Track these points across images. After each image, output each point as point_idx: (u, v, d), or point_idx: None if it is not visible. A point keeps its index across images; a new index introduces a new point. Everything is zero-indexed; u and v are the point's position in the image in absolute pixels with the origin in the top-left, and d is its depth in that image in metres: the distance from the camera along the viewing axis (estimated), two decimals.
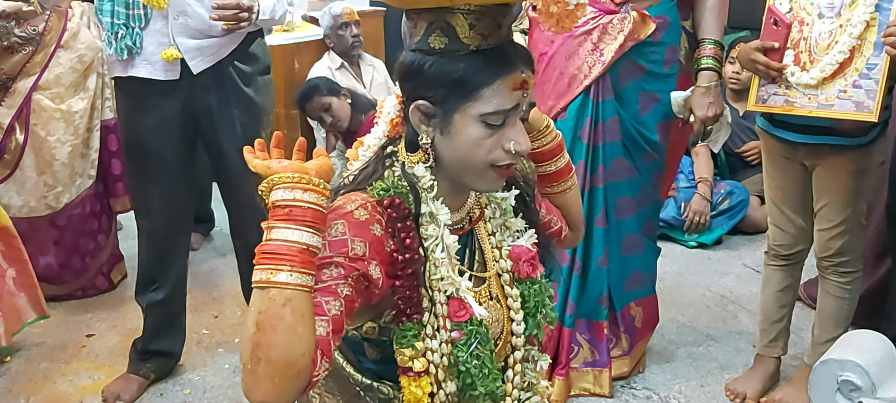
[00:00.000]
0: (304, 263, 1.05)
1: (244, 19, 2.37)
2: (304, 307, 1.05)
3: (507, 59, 1.20)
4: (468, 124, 1.20)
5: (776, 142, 2.49)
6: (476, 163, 1.22)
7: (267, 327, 1.02)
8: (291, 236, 1.06)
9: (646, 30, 2.43)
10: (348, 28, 4.55)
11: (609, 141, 2.52)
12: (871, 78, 2.16)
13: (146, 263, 2.71)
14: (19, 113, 3.10)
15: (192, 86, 2.45)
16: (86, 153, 3.30)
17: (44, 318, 2.93)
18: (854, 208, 2.44)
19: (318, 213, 1.08)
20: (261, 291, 1.04)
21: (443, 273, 1.24)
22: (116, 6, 2.35)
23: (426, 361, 1.23)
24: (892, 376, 2.03)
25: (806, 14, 2.29)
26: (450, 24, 1.19)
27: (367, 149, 1.38)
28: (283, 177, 1.08)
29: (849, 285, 2.53)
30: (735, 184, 4.20)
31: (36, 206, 3.21)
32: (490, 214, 1.37)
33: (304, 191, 1.08)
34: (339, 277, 1.11)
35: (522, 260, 1.36)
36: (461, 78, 1.19)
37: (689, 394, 2.77)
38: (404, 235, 1.19)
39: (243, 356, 1.05)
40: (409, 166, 1.26)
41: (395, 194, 1.21)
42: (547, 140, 1.47)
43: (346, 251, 1.13)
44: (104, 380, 2.80)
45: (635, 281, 2.75)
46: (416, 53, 1.23)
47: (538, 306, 1.37)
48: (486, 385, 1.24)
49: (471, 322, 1.24)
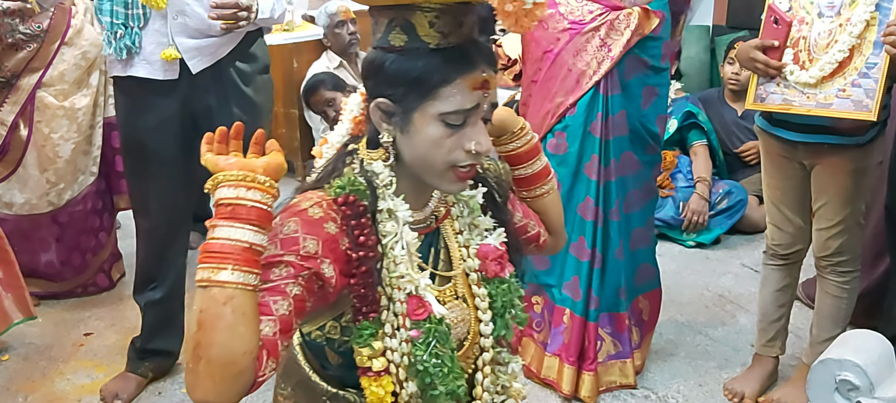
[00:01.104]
0: (246, 262, 1.04)
1: (243, 19, 2.37)
2: (246, 306, 1.04)
3: (468, 58, 1.19)
4: (428, 123, 1.19)
5: (775, 141, 2.50)
6: (436, 162, 1.21)
7: (207, 326, 1.02)
8: (234, 234, 1.05)
9: (650, 24, 2.47)
10: (345, 26, 4.55)
11: (618, 135, 2.55)
12: (870, 77, 2.16)
13: (145, 262, 2.70)
14: (23, 110, 3.09)
15: (190, 86, 2.45)
16: (88, 150, 3.29)
17: (31, 319, 2.91)
18: (852, 208, 2.44)
19: (262, 212, 1.07)
20: (202, 290, 1.04)
21: (401, 271, 1.22)
22: (115, 6, 2.35)
23: (386, 360, 1.22)
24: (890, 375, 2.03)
25: (806, 13, 2.29)
26: (410, 21, 1.18)
27: (331, 146, 1.37)
28: (228, 174, 1.07)
29: (847, 284, 2.53)
30: (733, 184, 4.20)
31: (38, 203, 3.21)
32: (457, 213, 1.36)
33: (248, 189, 1.07)
34: (289, 276, 1.10)
35: (490, 259, 1.33)
36: (420, 76, 1.17)
37: (688, 394, 2.77)
38: (359, 232, 1.18)
39: (186, 354, 1.04)
40: (367, 163, 1.25)
41: (351, 191, 1.19)
42: (522, 142, 1.45)
43: (297, 249, 1.12)
44: (102, 379, 2.80)
45: (644, 274, 2.79)
46: (378, 51, 1.22)
47: (506, 306, 1.34)
48: (447, 384, 1.22)
49: (429, 320, 1.22)
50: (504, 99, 4.00)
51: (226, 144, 1.14)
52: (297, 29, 4.81)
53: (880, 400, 1.96)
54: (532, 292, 2.77)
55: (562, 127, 2.57)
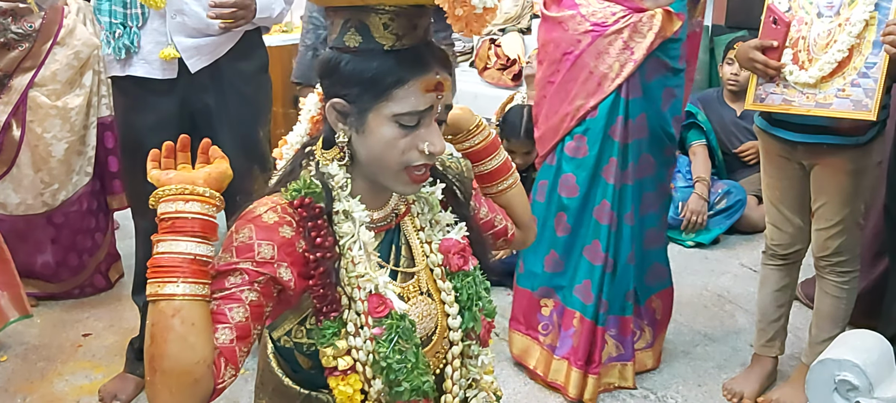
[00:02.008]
0: (192, 273, 1.07)
1: (241, 17, 2.37)
2: (195, 316, 1.06)
3: (422, 60, 1.20)
4: (382, 124, 1.20)
5: (774, 141, 2.49)
6: (390, 163, 1.22)
7: (158, 339, 1.05)
8: (177, 247, 1.08)
9: (673, 27, 2.45)
10: None
11: (637, 138, 2.54)
12: (869, 77, 2.16)
13: (143, 262, 2.69)
14: (15, 110, 3.08)
15: (189, 85, 2.45)
16: (82, 150, 3.29)
17: (26, 318, 2.90)
18: (852, 208, 2.44)
19: (205, 223, 1.10)
20: (152, 304, 1.06)
21: (360, 270, 1.23)
22: (114, 5, 2.35)
23: (351, 359, 1.23)
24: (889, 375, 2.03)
25: (805, 13, 2.29)
26: (364, 23, 1.19)
27: (290, 147, 1.37)
28: (167, 189, 1.10)
29: (846, 284, 2.53)
30: (732, 184, 4.20)
31: (33, 204, 3.20)
32: (417, 210, 1.36)
33: (186, 202, 1.09)
34: (244, 283, 1.12)
35: (452, 253, 1.34)
36: (374, 77, 1.18)
37: (687, 394, 2.77)
38: (315, 234, 1.19)
39: (145, 368, 1.07)
40: (323, 165, 1.25)
41: (306, 194, 1.20)
42: (478, 139, 1.47)
43: (252, 255, 1.13)
44: (101, 380, 2.80)
45: (656, 273, 2.79)
46: (333, 51, 1.23)
47: (473, 298, 1.35)
48: (411, 380, 1.22)
49: (390, 316, 1.23)
50: (503, 99, 4.00)
51: (173, 158, 1.16)
52: (295, 30, 4.81)
53: (879, 400, 1.96)
54: (542, 295, 2.75)
55: (582, 130, 2.55)
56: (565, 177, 2.61)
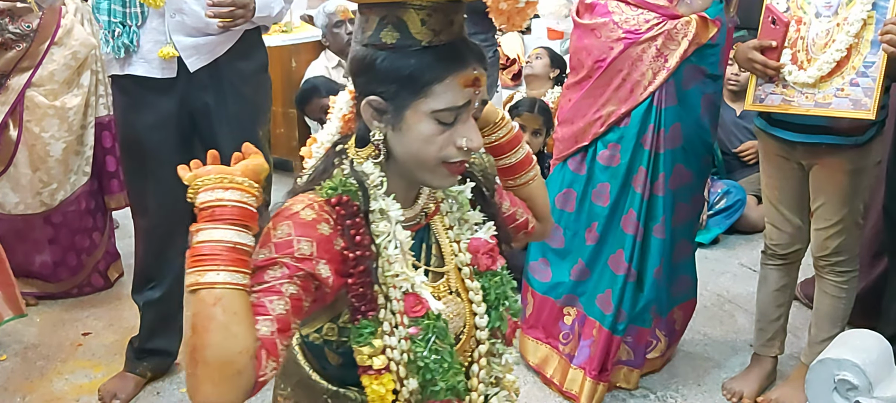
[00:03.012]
0: (232, 261, 1.05)
1: (240, 16, 2.36)
2: (237, 305, 1.04)
3: (459, 55, 1.20)
4: (420, 120, 1.19)
5: (773, 141, 2.49)
6: (428, 159, 1.22)
7: (199, 328, 1.02)
8: (216, 235, 1.05)
9: (708, 33, 2.41)
10: (343, 26, 4.54)
11: (670, 148, 2.50)
12: (868, 76, 2.16)
13: (143, 261, 2.70)
14: (13, 109, 3.08)
15: (188, 84, 2.45)
16: (80, 150, 3.29)
17: (21, 317, 2.89)
18: (851, 207, 2.44)
19: (245, 211, 1.08)
20: (192, 294, 1.04)
21: (396, 269, 1.23)
22: (113, 4, 2.34)
23: (386, 358, 1.22)
24: (888, 375, 2.03)
25: (803, 13, 2.29)
26: (401, 19, 1.18)
27: (321, 146, 1.37)
28: (205, 179, 1.09)
29: (845, 284, 2.53)
30: (732, 184, 4.20)
31: (31, 203, 3.20)
32: (447, 208, 1.36)
33: (225, 190, 1.08)
34: (284, 277, 1.10)
35: (481, 253, 1.34)
36: (412, 74, 1.18)
37: (686, 393, 2.77)
38: (354, 232, 1.18)
39: (185, 362, 1.05)
40: (357, 163, 1.25)
41: (343, 192, 1.20)
42: (503, 133, 1.47)
43: (291, 251, 1.12)
44: (100, 379, 2.80)
45: (681, 285, 2.76)
46: (368, 48, 1.22)
47: (500, 298, 1.35)
48: (447, 380, 1.23)
49: (427, 316, 1.23)
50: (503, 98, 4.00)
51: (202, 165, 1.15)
52: (295, 30, 4.81)
53: (879, 400, 1.97)
54: (565, 303, 2.73)
55: (616, 138, 2.51)
56: (601, 187, 2.57)
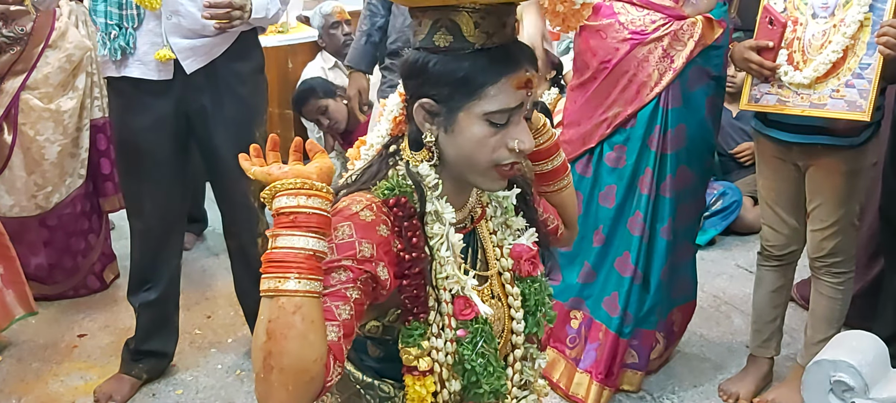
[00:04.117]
0: (311, 269, 1.05)
1: (236, 18, 2.36)
2: (315, 313, 1.05)
3: (512, 57, 1.21)
4: (472, 123, 1.20)
5: (769, 142, 2.50)
6: (480, 161, 1.22)
7: (278, 335, 1.03)
8: (297, 243, 1.05)
9: (713, 34, 2.41)
10: (339, 27, 4.54)
11: (675, 150, 2.50)
12: (864, 77, 2.17)
13: (139, 263, 2.69)
14: (7, 113, 3.07)
15: (185, 86, 2.44)
16: (75, 152, 3.28)
17: (32, 315, 2.91)
18: (847, 209, 2.44)
19: (323, 218, 1.08)
20: (269, 300, 1.04)
21: (448, 271, 1.24)
22: (109, 7, 2.34)
23: (431, 360, 1.23)
24: (884, 376, 2.04)
25: (800, 14, 2.29)
26: (455, 22, 1.19)
27: (370, 147, 1.37)
28: (286, 183, 1.07)
29: (841, 285, 2.53)
30: (728, 185, 4.20)
31: (26, 206, 3.19)
32: (491, 213, 1.38)
33: (307, 197, 1.07)
34: (348, 281, 1.11)
35: (523, 259, 1.36)
36: (466, 76, 1.19)
37: (683, 394, 2.77)
38: (411, 234, 1.19)
39: (256, 365, 1.05)
40: (413, 165, 1.26)
41: (400, 193, 1.21)
42: (544, 139, 1.47)
43: (353, 253, 1.13)
44: (96, 381, 2.79)
45: (682, 286, 2.76)
46: (421, 51, 1.23)
47: (538, 304, 1.37)
48: (491, 383, 1.25)
49: (476, 320, 1.25)
50: None
51: (263, 158, 1.14)
52: (291, 31, 4.80)
53: (875, 401, 1.97)
54: (572, 306, 2.72)
55: (623, 140, 2.50)
56: (608, 189, 2.57)
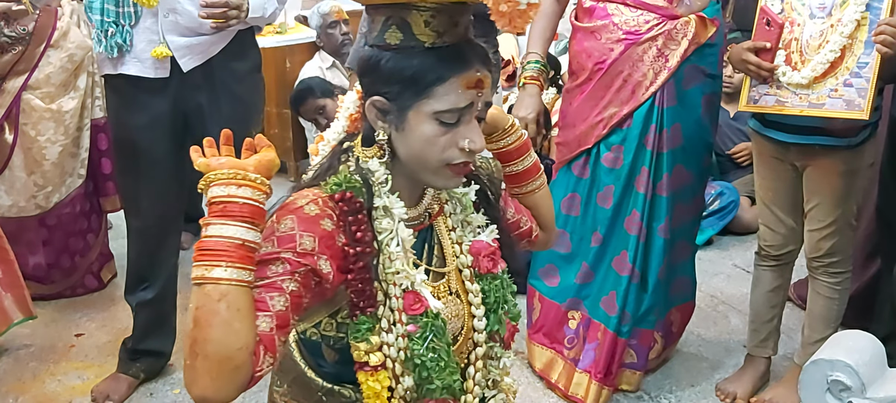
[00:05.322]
0: (240, 258, 1.07)
1: (233, 17, 2.36)
2: (241, 302, 1.06)
3: (463, 57, 1.20)
4: (422, 121, 1.20)
5: (767, 142, 2.50)
6: (431, 160, 1.22)
7: (202, 322, 1.04)
8: (226, 232, 1.07)
9: (707, 33, 2.42)
10: (337, 26, 4.55)
11: (671, 148, 2.50)
12: (861, 77, 2.17)
13: (136, 262, 2.69)
14: (8, 113, 3.07)
15: (181, 84, 2.44)
16: (76, 152, 3.28)
17: (31, 319, 2.90)
18: (844, 209, 2.45)
19: (255, 209, 1.09)
20: (197, 287, 1.06)
21: (397, 266, 1.24)
22: (106, 4, 2.34)
23: (383, 355, 1.23)
24: (881, 376, 2.03)
25: (797, 15, 2.30)
26: (405, 20, 1.19)
27: (327, 144, 1.38)
28: (219, 173, 1.09)
29: (839, 285, 2.53)
30: (726, 185, 4.21)
31: (25, 206, 3.19)
32: (450, 210, 1.37)
33: (238, 187, 1.09)
34: (285, 273, 1.12)
35: (482, 256, 1.35)
36: (415, 75, 1.19)
37: (680, 394, 2.77)
38: (356, 229, 1.19)
39: (184, 352, 1.07)
40: (363, 161, 1.26)
41: (347, 188, 1.20)
42: (512, 139, 1.47)
43: (293, 246, 1.13)
44: (93, 380, 2.79)
45: (680, 286, 2.76)
46: (373, 49, 1.23)
47: (499, 302, 1.36)
48: (443, 378, 1.24)
49: (426, 314, 1.24)
50: (498, 100, 4.00)
51: (216, 150, 1.16)
52: (289, 31, 4.80)
53: (872, 401, 1.97)
54: (570, 307, 2.71)
55: (619, 140, 2.50)
56: (606, 189, 2.56)
